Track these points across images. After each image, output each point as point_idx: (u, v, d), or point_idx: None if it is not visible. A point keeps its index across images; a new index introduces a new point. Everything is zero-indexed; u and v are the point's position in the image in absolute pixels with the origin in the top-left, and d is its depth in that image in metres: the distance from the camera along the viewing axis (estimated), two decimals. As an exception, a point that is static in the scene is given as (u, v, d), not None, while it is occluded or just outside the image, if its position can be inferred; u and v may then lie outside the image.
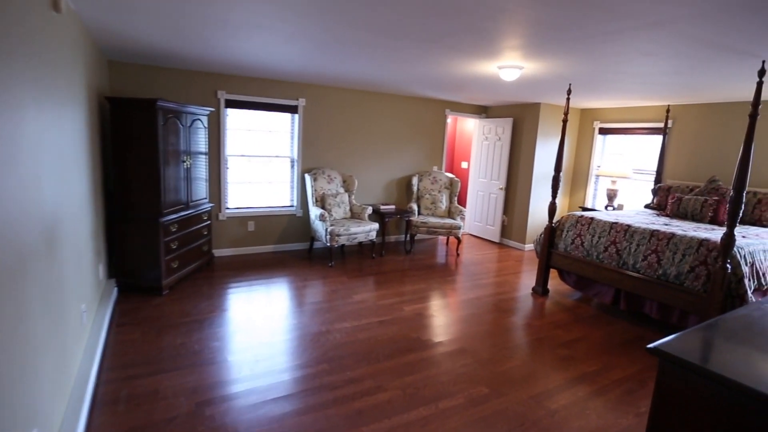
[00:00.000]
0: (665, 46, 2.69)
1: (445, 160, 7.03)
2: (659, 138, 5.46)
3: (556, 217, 5.43)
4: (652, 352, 1.44)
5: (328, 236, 4.93)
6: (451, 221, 5.78)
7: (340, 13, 2.42)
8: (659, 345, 1.44)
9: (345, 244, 5.40)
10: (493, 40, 2.78)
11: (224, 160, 5.08)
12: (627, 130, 5.91)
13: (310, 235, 5.52)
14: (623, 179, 5.79)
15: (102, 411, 2.23)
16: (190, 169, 4.26)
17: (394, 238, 6.51)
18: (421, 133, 6.46)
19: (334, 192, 5.51)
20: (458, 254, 5.96)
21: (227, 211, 5.20)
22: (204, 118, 4.55)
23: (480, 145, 7.00)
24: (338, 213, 5.40)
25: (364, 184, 6.10)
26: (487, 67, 3.68)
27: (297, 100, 5.38)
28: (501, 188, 6.62)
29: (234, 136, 5.15)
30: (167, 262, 3.89)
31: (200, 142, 4.50)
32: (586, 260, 4.00)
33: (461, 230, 5.80)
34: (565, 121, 4.11)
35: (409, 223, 5.82)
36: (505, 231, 6.72)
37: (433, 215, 6.10)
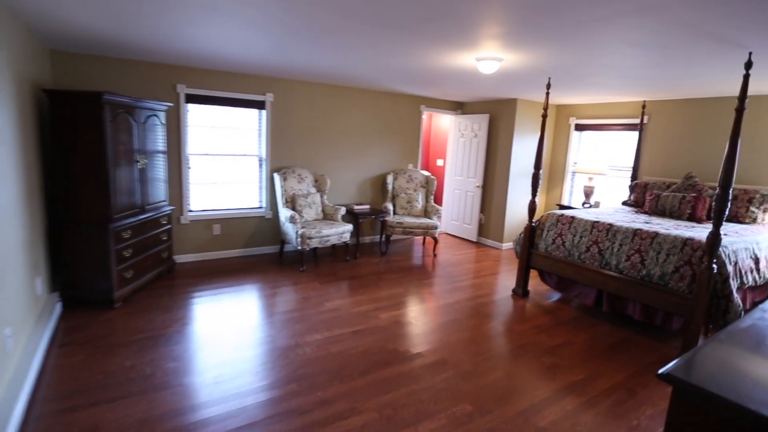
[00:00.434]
0: (654, 35, 2.55)
1: (421, 157, 6.83)
2: (635, 134, 5.42)
3: (535, 216, 5.31)
4: (665, 379, 1.25)
5: (299, 239, 4.65)
6: (428, 221, 5.59)
7: (304, -6, 2.16)
8: (672, 370, 1.25)
9: (317, 247, 5.13)
10: (472, 26, 2.57)
11: (186, 160, 4.71)
12: (603, 126, 5.87)
13: (281, 238, 5.22)
14: (600, 176, 5.73)
15: (28, 455, 1.91)
16: (145, 169, 3.89)
17: (368, 239, 6.27)
18: (396, 129, 6.24)
19: (306, 192, 5.23)
20: (435, 255, 5.78)
21: (190, 214, 4.84)
22: (161, 114, 4.18)
23: (456, 142, 6.83)
24: (310, 214, 5.12)
25: (337, 184, 5.83)
26: (464, 59, 3.48)
27: (264, 95, 5.05)
28: (478, 186, 6.48)
29: (196, 133, 4.78)
30: (119, 272, 3.53)
31: (157, 140, 4.13)
32: (567, 261, 3.87)
33: (438, 230, 5.62)
34: (545, 117, 3.96)
35: (384, 224, 5.60)
36: (482, 230, 6.59)
37: (409, 215, 5.89)
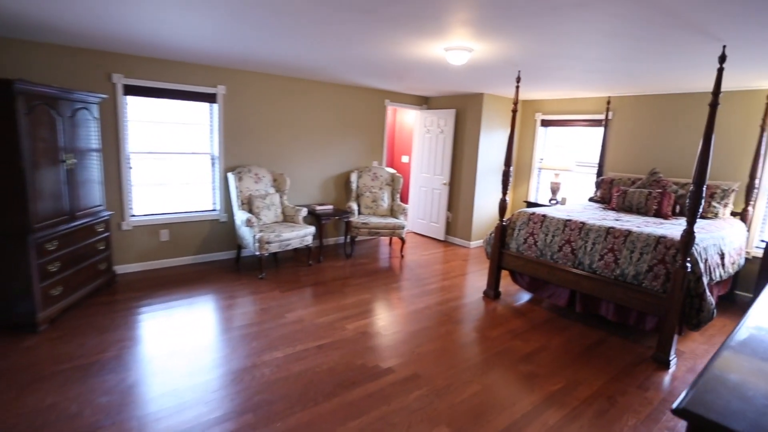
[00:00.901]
0: (632, 24, 2.41)
1: (386, 154, 6.59)
2: (600, 130, 5.42)
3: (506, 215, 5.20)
4: (681, 416, 1.06)
5: (257, 244, 4.29)
6: (395, 221, 5.36)
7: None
8: (688, 405, 1.05)
9: (278, 252, 4.77)
10: (441, 9, 2.33)
11: (126, 159, 4.22)
12: (568, 122, 5.84)
13: (237, 243, 4.83)
14: (566, 172, 5.71)
15: None
16: (74, 170, 3.41)
17: (332, 240, 5.97)
18: (360, 125, 5.96)
19: (263, 193, 4.85)
20: (402, 256, 5.57)
21: (133, 219, 4.36)
22: (94, 107, 3.70)
23: (422, 138, 6.64)
24: (268, 216, 4.76)
25: (298, 183, 5.49)
26: (433, 49, 3.25)
27: (215, 87, 4.63)
28: (444, 183, 6.32)
29: (139, 129, 4.30)
30: (44, 289, 3.06)
31: (90, 137, 3.65)
32: (540, 261, 3.75)
33: (405, 230, 5.40)
34: (515, 111, 3.81)
35: (348, 225, 5.32)
36: (449, 228, 6.44)
37: (375, 215, 5.64)
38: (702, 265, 3.05)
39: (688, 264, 2.91)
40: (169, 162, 4.55)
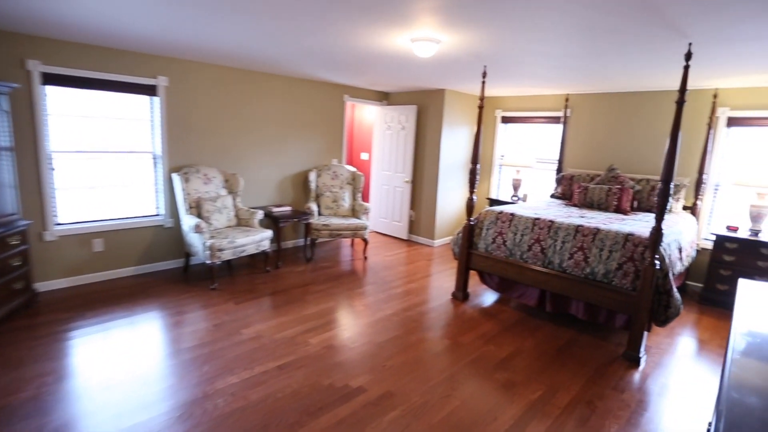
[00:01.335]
0: (605, 15, 2.31)
1: (345, 152, 6.32)
2: (559, 127, 5.45)
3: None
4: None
5: (208, 251, 3.89)
6: (357, 221, 5.11)
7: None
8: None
9: (231, 259, 4.37)
10: (412, -4, 2.12)
11: (46, 158, 3.67)
12: (528, 119, 5.85)
13: (185, 251, 4.38)
14: (527, 169, 5.71)
15: None
16: (-21, 173, 2.88)
17: (291, 244, 5.63)
18: (318, 121, 5.64)
19: (214, 195, 4.44)
20: (366, 257, 5.34)
21: (58, 229, 3.81)
22: (3, 99, 3.15)
23: (383, 135, 6.43)
24: (220, 221, 4.35)
25: (253, 184, 5.10)
26: (398, 40, 3.04)
27: (155, 78, 4.15)
28: (407, 181, 6.15)
29: (64, 124, 3.75)
30: (-58, 317, 2.55)
31: (-1, 134, 3.11)
32: (509, 261, 3.66)
33: (368, 230, 5.18)
34: (482, 108, 3.68)
35: (308, 227, 5.01)
36: (413, 227, 6.29)
37: (336, 215, 5.37)
38: (667, 261, 3.07)
39: (657, 261, 2.90)
40: (104, 162, 4.02)
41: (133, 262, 4.29)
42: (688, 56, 2.60)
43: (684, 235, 3.78)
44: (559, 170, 5.38)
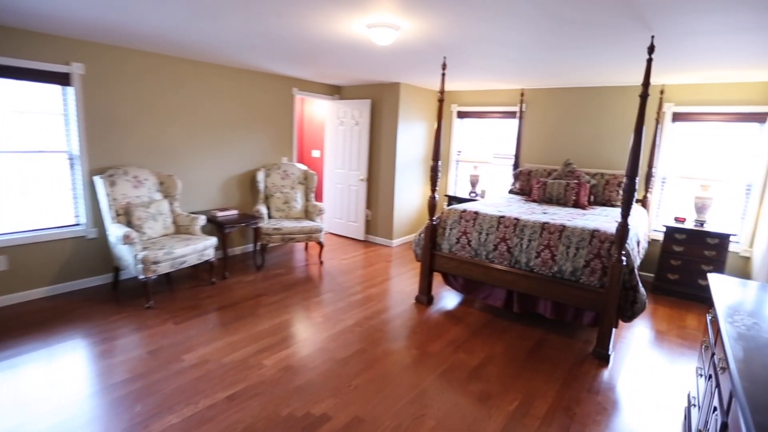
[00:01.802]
0: (570, 2, 2.17)
1: (296, 149, 5.94)
2: (515, 122, 5.42)
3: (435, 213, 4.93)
4: None
5: (140, 265, 3.41)
6: (311, 224, 4.77)
7: None
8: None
9: (170, 271, 3.85)
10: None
11: (-72, 161, 3.02)
12: (484, 114, 5.78)
13: (113, 265, 3.84)
14: (484, 164, 5.65)
15: None
16: None
17: (239, 250, 5.18)
18: (266, 117, 5.22)
19: (146, 200, 3.92)
20: (321, 262, 5.02)
21: (-52, 245, 3.16)
22: None
23: (335, 131, 6.10)
24: (155, 229, 3.85)
25: (192, 186, 4.60)
26: (353, 26, 2.75)
27: (69, 65, 3.57)
28: (362, 179, 5.88)
29: (-54, 120, 3.11)
30: None
31: None
32: (474, 261, 3.51)
33: (323, 233, 4.85)
34: (442, 101, 3.49)
35: (257, 232, 4.60)
36: (370, 227, 6.04)
37: (288, 218, 4.99)
38: (632, 256, 3.04)
39: (623, 257, 2.86)
40: (5, 164, 3.40)
41: (47, 282, 3.68)
42: (651, 49, 2.55)
43: (640, 229, 3.82)
44: (516, 165, 5.35)
